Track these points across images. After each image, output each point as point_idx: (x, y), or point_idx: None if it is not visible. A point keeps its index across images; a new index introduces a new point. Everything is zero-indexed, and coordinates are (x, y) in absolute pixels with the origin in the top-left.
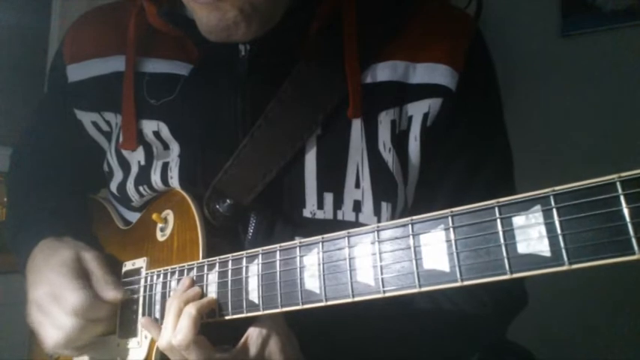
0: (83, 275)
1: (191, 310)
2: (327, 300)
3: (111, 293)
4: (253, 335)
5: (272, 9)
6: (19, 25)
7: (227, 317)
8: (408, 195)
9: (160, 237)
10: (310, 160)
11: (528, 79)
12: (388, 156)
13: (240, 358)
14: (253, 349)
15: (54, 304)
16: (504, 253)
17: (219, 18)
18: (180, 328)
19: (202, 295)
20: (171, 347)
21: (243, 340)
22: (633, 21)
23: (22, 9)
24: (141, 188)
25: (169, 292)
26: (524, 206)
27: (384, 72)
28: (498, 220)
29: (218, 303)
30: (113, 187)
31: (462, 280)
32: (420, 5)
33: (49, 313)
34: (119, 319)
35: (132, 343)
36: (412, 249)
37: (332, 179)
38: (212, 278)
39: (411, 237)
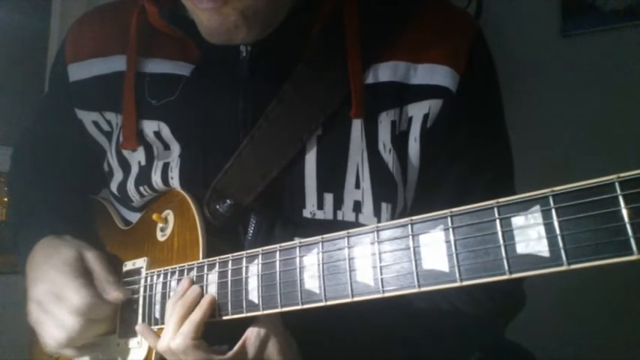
0: (85, 274)
1: (195, 317)
2: (326, 300)
3: (113, 293)
4: (252, 336)
5: (273, 13)
6: (19, 25)
7: (227, 317)
8: (407, 196)
9: (160, 237)
10: (310, 160)
11: (528, 79)
12: (388, 157)
13: (238, 359)
14: (252, 350)
15: (55, 302)
16: (503, 254)
17: (221, 22)
18: (181, 332)
19: (202, 294)
20: (169, 350)
21: (241, 341)
22: (633, 21)
23: (22, 9)
24: (141, 188)
25: (169, 292)
26: (524, 206)
27: (385, 72)
28: (497, 221)
29: (218, 303)
30: (113, 187)
31: (462, 281)
32: (422, 5)
33: (50, 311)
34: (119, 319)
35: (132, 343)
36: (412, 249)
37: (332, 179)
38: (212, 278)
39: (410, 237)
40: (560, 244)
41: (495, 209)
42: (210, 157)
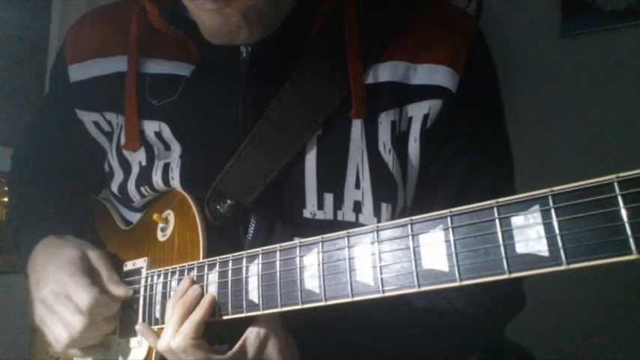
0: (89, 273)
1: (196, 316)
2: (326, 300)
3: (118, 290)
4: (251, 336)
5: (274, 13)
6: (19, 25)
7: (227, 317)
8: (407, 196)
9: (161, 237)
10: (310, 160)
11: (528, 79)
12: (388, 157)
13: (238, 359)
14: (251, 350)
15: (61, 302)
16: (503, 253)
17: (222, 23)
18: (182, 331)
19: (203, 294)
20: (170, 350)
21: (241, 341)
22: (633, 21)
23: (22, 9)
24: (142, 189)
25: (170, 292)
26: (523, 206)
27: (384, 72)
28: (497, 220)
29: (218, 303)
30: (114, 187)
31: (461, 280)
32: (422, 5)
33: (56, 311)
34: (119, 319)
35: (132, 342)
36: (411, 249)
37: (332, 180)
38: (212, 278)
39: (410, 237)
40: (560, 244)
41: (495, 209)
42: (211, 158)
